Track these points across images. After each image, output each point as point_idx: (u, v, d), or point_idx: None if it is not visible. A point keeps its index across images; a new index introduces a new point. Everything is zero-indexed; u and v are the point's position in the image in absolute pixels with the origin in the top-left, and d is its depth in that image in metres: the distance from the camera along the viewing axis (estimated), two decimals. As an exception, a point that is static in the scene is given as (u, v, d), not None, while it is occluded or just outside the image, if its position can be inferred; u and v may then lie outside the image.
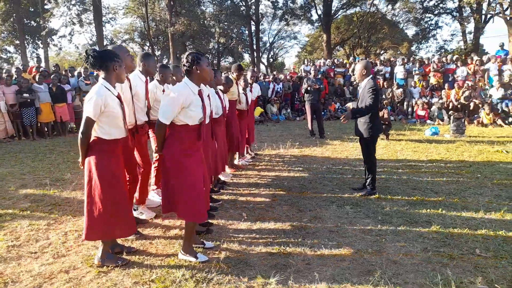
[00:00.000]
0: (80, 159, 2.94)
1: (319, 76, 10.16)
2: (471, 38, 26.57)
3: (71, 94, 10.05)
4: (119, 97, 2.95)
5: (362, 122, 4.58)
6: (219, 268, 2.93)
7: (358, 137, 4.82)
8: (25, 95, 8.93)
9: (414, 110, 13.07)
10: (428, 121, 12.41)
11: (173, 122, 2.92)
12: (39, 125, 9.53)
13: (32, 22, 29.71)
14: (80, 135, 2.79)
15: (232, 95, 5.77)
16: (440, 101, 13.11)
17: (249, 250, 3.25)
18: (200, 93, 3.00)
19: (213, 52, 37.18)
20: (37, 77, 9.43)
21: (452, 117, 10.28)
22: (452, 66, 13.99)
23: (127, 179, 3.43)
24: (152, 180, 4.58)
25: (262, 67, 37.04)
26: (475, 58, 13.94)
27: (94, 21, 26.88)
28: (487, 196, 4.64)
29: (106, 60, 2.86)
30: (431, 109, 12.93)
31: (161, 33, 33.93)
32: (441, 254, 3.12)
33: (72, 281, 2.77)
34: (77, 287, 2.70)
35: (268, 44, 39.08)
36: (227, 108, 5.31)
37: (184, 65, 2.99)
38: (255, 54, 33.13)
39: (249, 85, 6.46)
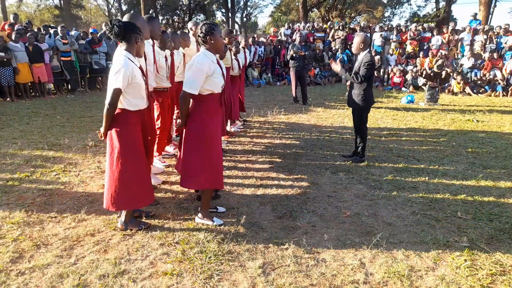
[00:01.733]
0: (102, 130, 2.98)
1: (304, 43, 10.22)
2: (443, 5, 27.08)
3: (49, 54, 9.63)
4: (141, 68, 3.03)
5: (356, 94, 4.85)
6: (236, 230, 3.21)
7: (351, 108, 5.11)
8: (0, 54, 8.51)
9: (390, 77, 13.52)
10: (403, 89, 12.94)
11: (199, 93, 3.04)
12: (16, 85, 9.18)
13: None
14: (107, 106, 2.84)
15: (226, 61, 5.84)
16: (415, 69, 13.61)
17: (258, 214, 3.54)
18: (218, 62, 3.14)
19: (184, 9, 35.86)
20: (13, 35, 8.92)
21: (427, 86, 10.81)
22: (428, 35, 14.41)
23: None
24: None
25: (236, 27, 36.25)
26: (450, 27, 14.39)
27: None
28: (463, 163, 5.13)
29: (130, 32, 2.90)
30: (406, 76, 13.44)
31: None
32: (428, 217, 3.55)
33: (100, 243, 2.97)
34: (107, 249, 2.91)
35: (242, 3, 38.15)
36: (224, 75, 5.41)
37: (198, 35, 3.09)
38: (229, 13, 32.27)
39: (242, 50, 6.52)
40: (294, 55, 9.16)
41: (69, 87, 10.69)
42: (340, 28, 15.17)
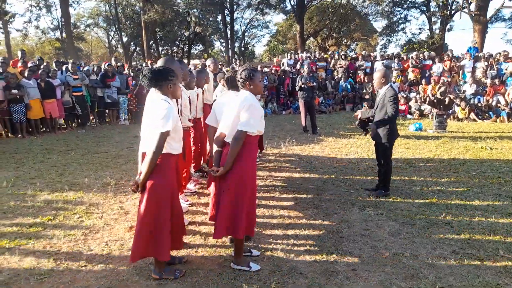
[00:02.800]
0: (141, 179, 2.85)
1: (311, 74, 10.34)
2: (438, 33, 27.77)
3: (60, 89, 9.66)
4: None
5: (381, 128, 4.83)
6: (274, 276, 3.08)
7: (374, 141, 5.08)
8: (13, 91, 8.52)
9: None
10: (409, 116, 13.02)
11: (249, 135, 3.00)
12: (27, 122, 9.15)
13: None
14: (154, 150, 2.74)
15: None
16: (418, 96, 13.76)
17: (293, 258, 3.41)
18: None
19: (183, 39, 36.58)
20: (26, 72, 8.97)
21: (434, 113, 10.89)
22: (429, 62, 14.67)
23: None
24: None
25: (235, 56, 36.86)
26: (450, 54, 14.67)
27: (60, 4, 25.59)
28: (489, 195, 5.05)
29: (161, 80, 2.88)
30: (410, 103, 13.56)
31: (128, 19, 32.83)
32: (470, 256, 3.44)
33: (137, 296, 2.83)
34: (145, 302, 2.77)
35: (240, 33, 38.97)
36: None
37: (238, 80, 3.09)
38: (229, 43, 32.91)
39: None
40: (303, 86, 9.23)
41: (79, 121, 10.65)
42: (342, 57, 15.42)
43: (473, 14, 22.93)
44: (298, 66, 15.25)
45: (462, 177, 5.91)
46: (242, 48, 41.36)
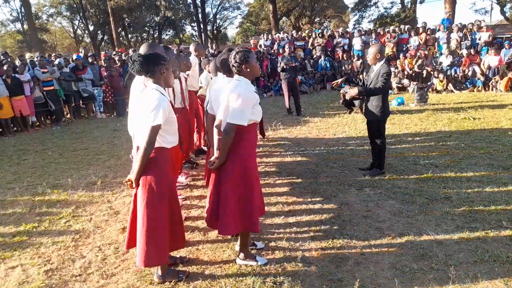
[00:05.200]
0: (133, 176, 2.67)
1: (293, 54, 10.14)
2: (409, 6, 27.86)
3: (29, 85, 9.06)
4: (171, 102, 2.77)
5: (375, 105, 4.71)
6: (284, 268, 2.96)
7: (366, 120, 4.98)
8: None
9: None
10: (389, 91, 13.05)
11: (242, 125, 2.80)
12: (-3, 122, 8.60)
13: None
14: (145, 146, 2.53)
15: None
16: (396, 70, 13.79)
17: (299, 247, 3.29)
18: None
19: (153, 25, 35.41)
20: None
21: (415, 87, 10.93)
22: (405, 36, 14.67)
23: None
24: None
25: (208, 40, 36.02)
26: (426, 27, 14.70)
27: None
28: (482, 166, 5.07)
29: (153, 65, 2.64)
30: (389, 78, 13.58)
31: (93, 6, 31.38)
32: (475, 230, 3.41)
33: (141, 303, 2.65)
34: (150, 309, 2.59)
35: (211, 16, 38.01)
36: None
37: (233, 65, 2.87)
38: (201, 26, 32.08)
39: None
40: (285, 66, 9.02)
41: (53, 118, 10.09)
42: (319, 35, 15.23)
43: (443, -15, 23.06)
44: (275, 47, 14.96)
45: (452, 149, 5.92)
46: (215, 32, 40.46)
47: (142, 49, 3.29)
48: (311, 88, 13.93)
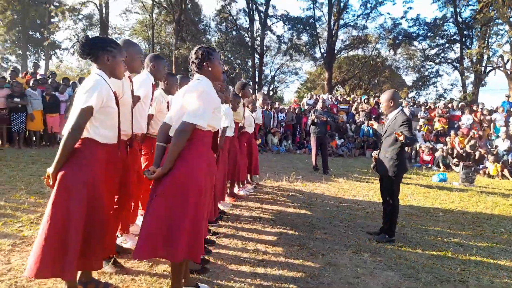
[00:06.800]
0: (51, 169, 2.24)
1: (326, 109, 9.76)
2: (471, 89, 26.85)
3: (66, 105, 9.49)
4: (115, 93, 2.44)
5: (388, 159, 4.09)
6: (217, 323, 2.32)
7: (379, 176, 4.33)
8: (16, 99, 8.38)
9: (419, 154, 12.69)
10: (434, 167, 12.01)
11: (198, 129, 2.36)
12: (27, 133, 8.93)
13: (37, 34, 29.65)
14: (69, 130, 2.19)
15: (237, 116, 5.26)
16: (445, 147, 12.79)
17: (253, 301, 2.64)
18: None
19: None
20: (31, 82, 8.90)
21: (461, 165, 9.90)
22: (458, 113, 13.79)
23: (115, 200, 2.88)
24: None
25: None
26: (481, 106, 13.78)
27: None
28: (520, 255, 4.09)
29: (96, 48, 2.36)
30: (435, 154, 12.58)
31: (164, 57, 33.95)
32: (489, 327, 2.55)
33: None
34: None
35: (269, 77, 39.39)
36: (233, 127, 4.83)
37: (193, 62, 2.51)
38: (256, 86, 33.19)
39: (260, 109, 6.02)
40: (315, 120, 8.60)
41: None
42: (365, 101, 14.83)
43: (508, 72, 22.11)
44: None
45: (487, 231, 4.95)
46: (271, 92, 41.68)
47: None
48: (349, 153, 13.25)
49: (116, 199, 2.90)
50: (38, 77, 9.16)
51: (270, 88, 41.46)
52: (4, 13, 27.01)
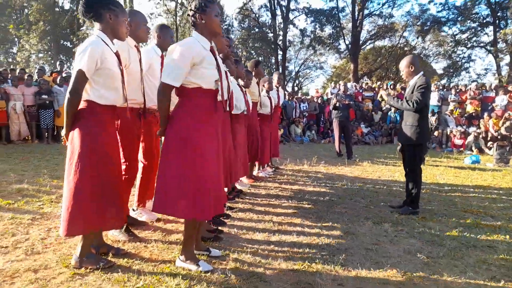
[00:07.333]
0: (63, 132, 2.38)
1: (348, 93, 9.52)
2: (506, 72, 25.51)
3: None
4: (117, 54, 2.43)
5: (409, 126, 3.91)
6: (225, 281, 2.27)
7: (400, 145, 4.15)
8: (43, 96, 8.71)
9: (450, 139, 12.15)
10: (466, 151, 11.47)
11: (184, 87, 2.32)
12: (55, 129, 9.26)
13: (68, 43, 30.74)
14: (67, 95, 2.24)
15: (252, 95, 5.18)
16: (478, 130, 12.18)
17: (265, 264, 2.57)
18: (212, 50, 2.44)
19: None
20: (58, 79, 9.22)
21: (495, 145, 9.40)
22: (491, 94, 13.11)
23: (123, 166, 2.89)
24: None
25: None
26: (517, 86, 13.05)
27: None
28: (558, 224, 3.80)
29: (98, 6, 2.33)
30: (468, 138, 12.01)
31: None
32: (518, 285, 2.36)
33: (37, 282, 2.17)
34: (42, 291, 2.09)
35: (293, 73, 39.01)
36: (250, 106, 4.74)
37: (188, 14, 2.44)
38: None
39: (276, 88, 5.93)
40: (337, 104, 8.39)
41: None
42: (391, 87, 14.38)
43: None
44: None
45: (523, 204, 4.65)
46: (296, 88, 41.34)
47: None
48: (375, 140, 12.88)
49: (125, 167, 2.91)
50: (64, 74, 9.44)
51: (295, 84, 41.15)
52: (37, 23, 28.19)
